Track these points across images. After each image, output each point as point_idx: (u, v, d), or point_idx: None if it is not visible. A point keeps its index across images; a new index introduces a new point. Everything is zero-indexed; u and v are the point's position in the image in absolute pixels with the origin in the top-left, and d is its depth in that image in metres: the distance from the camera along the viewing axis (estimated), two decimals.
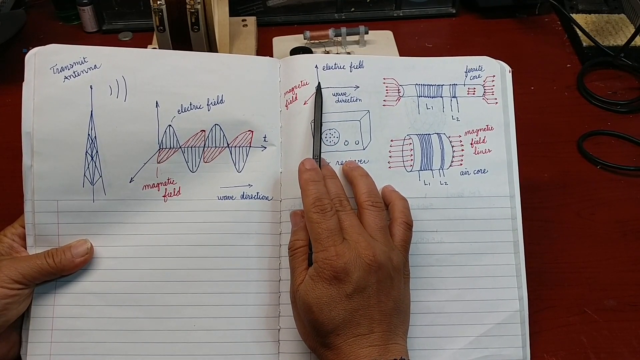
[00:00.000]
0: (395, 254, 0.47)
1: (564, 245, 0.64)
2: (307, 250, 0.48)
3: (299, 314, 0.47)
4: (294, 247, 0.49)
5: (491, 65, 0.57)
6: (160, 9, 0.67)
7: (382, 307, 0.46)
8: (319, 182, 0.49)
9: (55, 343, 0.51)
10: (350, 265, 0.45)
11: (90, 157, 0.52)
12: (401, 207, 0.51)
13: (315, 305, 0.45)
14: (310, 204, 0.47)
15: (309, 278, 0.46)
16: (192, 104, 0.53)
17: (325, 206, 0.47)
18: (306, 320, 0.46)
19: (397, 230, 0.49)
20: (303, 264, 0.48)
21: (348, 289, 0.44)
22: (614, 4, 0.92)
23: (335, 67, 0.55)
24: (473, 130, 0.56)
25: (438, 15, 0.94)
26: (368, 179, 0.52)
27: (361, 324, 0.45)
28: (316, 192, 0.48)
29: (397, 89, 0.56)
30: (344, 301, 0.45)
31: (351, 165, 0.53)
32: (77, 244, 0.51)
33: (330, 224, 0.46)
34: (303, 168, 0.50)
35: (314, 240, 0.46)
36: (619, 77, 0.84)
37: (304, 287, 0.46)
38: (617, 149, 0.74)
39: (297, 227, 0.50)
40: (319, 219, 0.46)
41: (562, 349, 0.55)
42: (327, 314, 0.44)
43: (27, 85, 0.52)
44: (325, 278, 0.45)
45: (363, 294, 0.45)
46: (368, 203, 0.49)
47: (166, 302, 0.52)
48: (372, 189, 0.51)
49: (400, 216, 0.50)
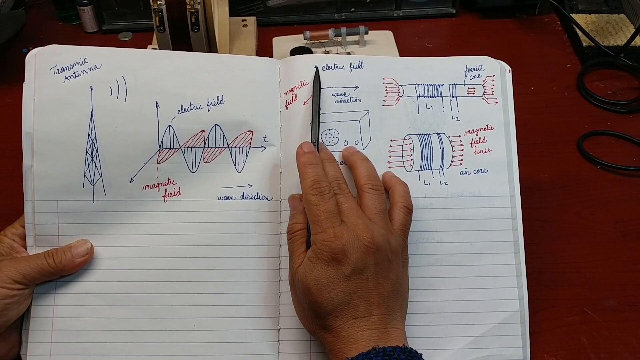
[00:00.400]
0: (393, 237, 0.48)
1: (564, 245, 0.64)
2: (305, 233, 0.48)
3: (297, 296, 0.47)
4: (292, 230, 0.49)
5: (491, 65, 0.57)
6: (160, 9, 0.67)
7: (380, 289, 0.46)
8: (317, 164, 0.49)
9: (55, 343, 0.51)
10: (349, 246, 0.45)
11: (90, 157, 0.52)
12: (401, 191, 0.51)
13: (313, 286, 0.45)
14: (308, 187, 0.47)
15: (308, 260, 0.46)
16: (192, 105, 0.53)
17: (324, 188, 0.47)
18: (305, 302, 0.46)
19: (397, 214, 0.50)
20: (301, 247, 0.48)
21: (346, 270, 0.45)
22: (614, 4, 0.93)
23: (335, 68, 0.56)
24: (473, 130, 0.56)
25: (438, 15, 0.94)
26: (368, 162, 0.52)
27: (360, 306, 0.45)
28: (314, 174, 0.48)
29: (397, 89, 0.56)
30: (342, 282, 0.45)
31: (351, 150, 0.54)
32: (77, 244, 0.51)
33: (328, 206, 0.46)
34: (301, 151, 0.50)
35: (312, 222, 0.47)
36: (619, 77, 0.84)
37: (302, 269, 0.46)
38: (617, 149, 0.74)
39: (295, 211, 0.50)
40: (317, 201, 0.47)
41: (562, 349, 0.55)
42: (326, 295, 0.45)
43: (28, 85, 0.52)
44: (323, 259, 0.45)
45: (361, 276, 0.45)
46: (368, 186, 0.49)
47: (166, 302, 0.52)
48: (372, 172, 0.51)
49: (400, 200, 0.50)
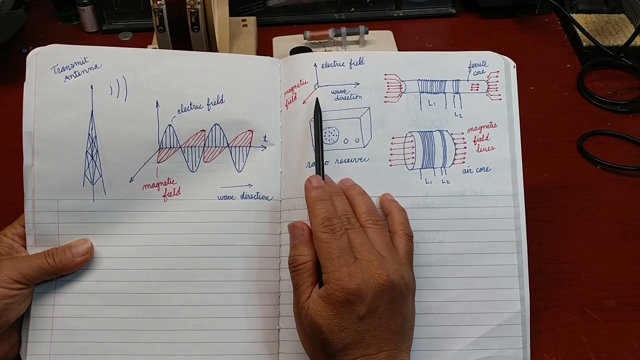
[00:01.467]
0: (405, 270, 0.47)
1: (564, 245, 0.64)
2: (310, 267, 0.47)
3: (304, 329, 0.46)
4: (296, 263, 0.47)
5: (495, 61, 0.56)
6: (160, 9, 0.67)
7: (391, 325, 0.45)
8: (327, 200, 0.48)
9: (54, 343, 0.51)
10: (363, 286, 0.44)
11: (90, 156, 0.52)
12: (401, 218, 0.51)
13: (325, 326, 0.44)
14: (319, 224, 0.46)
15: (319, 298, 0.45)
16: (192, 104, 0.53)
17: (335, 226, 0.46)
18: (314, 338, 0.45)
19: (400, 243, 0.49)
20: (308, 280, 0.46)
21: (360, 311, 0.44)
22: (614, 4, 0.93)
23: (335, 65, 0.55)
24: (476, 127, 0.55)
25: (438, 15, 0.94)
26: (366, 197, 0.51)
27: (371, 345, 0.44)
28: (325, 211, 0.47)
29: (399, 84, 0.55)
30: (356, 323, 0.44)
31: (347, 183, 0.52)
32: (77, 244, 0.51)
33: (341, 243, 0.45)
34: (310, 186, 0.49)
35: (325, 260, 0.45)
36: (619, 77, 0.84)
37: (313, 307, 0.45)
38: (617, 149, 0.74)
39: (297, 241, 0.48)
40: (329, 239, 0.46)
41: (562, 349, 0.55)
42: (337, 335, 0.44)
43: (28, 85, 0.52)
44: (336, 300, 0.44)
45: (374, 315, 0.44)
46: (369, 222, 0.48)
47: (166, 302, 0.52)
48: (371, 207, 0.50)
49: (401, 228, 0.50)
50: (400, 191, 0.53)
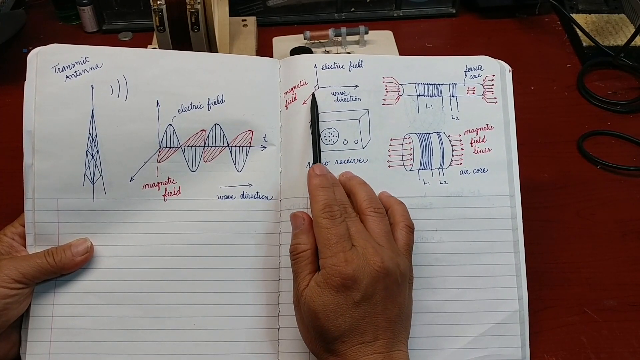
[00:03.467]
0: (402, 260, 0.47)
1: (564, 245, 0.64)
2: (309, 255, 0.47)
3: (302, 317, 0.47)
4: (296, 251, 0.48)
5: (491, 65, 0.57)
6: (160, 9, 0.67)
7: (387, 313, 0.45)
8: (328, 188, 0.49)
9: (54, 342, 0.51)
10: (359, 272, 0.44)
11: (90, 156, 0.52)
12: (401, 210, 0.51)
13: (321, 312, 0.44)
14: (320, 210, 0.47)
15: (316, 284, 0.45)
16: (192, 104, 0.53)
17: (335, 212, 0.47)
18: (311, 325, 0.46)
19: (400, 234, 0.49)
20: (306, 269, 0.47)
21: (356, 296, 0.44)
22: (614, 4, 0.93)
23: (334, 67, 0.55)
24: (473, 130, 0.56)
25: (438, 15, 0.94)
26: (367, 186, 0.52)
27: (367, 332, 0.45)
28: (326, 198, 0.48)
29: (397, 88, 0.56)
30: (351, 309, 0.44)
31: (348, 175, 0.53)
32: (77, 243, 0.51)
33: (339, 230, 0.46)
34: (313, 173, 0.50)
35: (323, 246, 0.46)
36: (619, 77, 0.84)
37: (310, 293, 0.45)
38: (617, 149, 0.74)
39: (298, 230, 0.49)
40: (328, 225, 0.46)
41: (562, 349, 0.55)
42: (334, 321, 0.44)
43: (29, 84, 0.52)
44: (332, 285, 0.44)
45: (370, 302, 0.45)
46: (370, 210, 0.49)
47: (165, 301, 0.52)
48: (372, 195, 0.51)
49: (402, 220, 0.50)
50: (399, 192, 0.53)
